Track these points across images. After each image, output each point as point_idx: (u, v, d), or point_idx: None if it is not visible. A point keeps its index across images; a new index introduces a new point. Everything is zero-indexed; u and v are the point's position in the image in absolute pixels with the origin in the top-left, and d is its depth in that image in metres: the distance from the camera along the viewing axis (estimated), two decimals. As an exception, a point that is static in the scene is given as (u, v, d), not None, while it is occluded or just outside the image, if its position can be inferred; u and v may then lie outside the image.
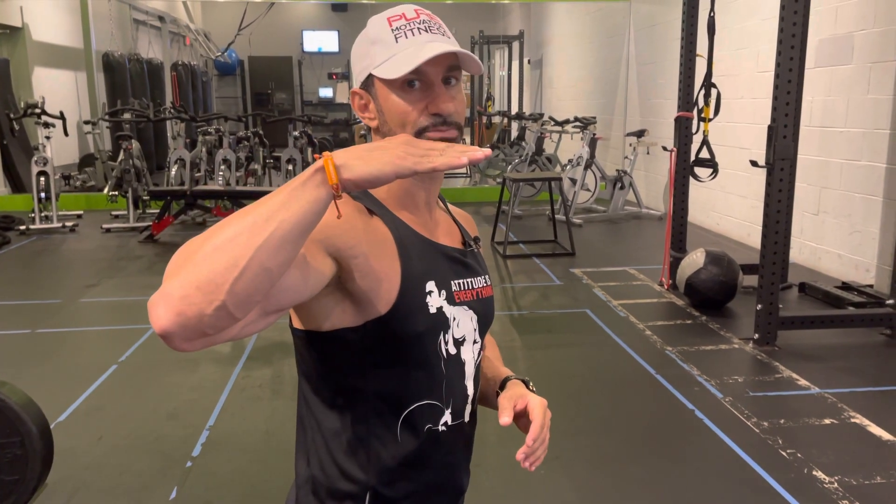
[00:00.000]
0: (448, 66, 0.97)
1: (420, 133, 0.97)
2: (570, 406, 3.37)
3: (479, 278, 1.10)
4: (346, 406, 0.99)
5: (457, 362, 1.05)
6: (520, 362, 3.93)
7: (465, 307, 1.06)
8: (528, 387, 1.14)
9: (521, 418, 1.08)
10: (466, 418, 1.10)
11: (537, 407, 1.07)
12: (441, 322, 1.02)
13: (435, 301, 1.01)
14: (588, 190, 8.59)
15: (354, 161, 0.77)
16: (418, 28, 0.97)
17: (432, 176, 1.04)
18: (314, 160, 0.78)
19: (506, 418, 1.03)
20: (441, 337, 1.02)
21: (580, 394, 3.52)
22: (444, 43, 0.96)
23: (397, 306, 0.96)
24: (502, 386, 1.15)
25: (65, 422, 3.22)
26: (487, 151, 0.79)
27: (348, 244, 0.91)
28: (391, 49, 0.96)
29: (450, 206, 1.19)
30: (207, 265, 0.70)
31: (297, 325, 0.99)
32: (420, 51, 0.94)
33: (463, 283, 1.06)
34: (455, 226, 1.14)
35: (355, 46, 1.03)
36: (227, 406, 3.37)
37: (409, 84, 0.96)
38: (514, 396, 1.09)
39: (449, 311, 1.03)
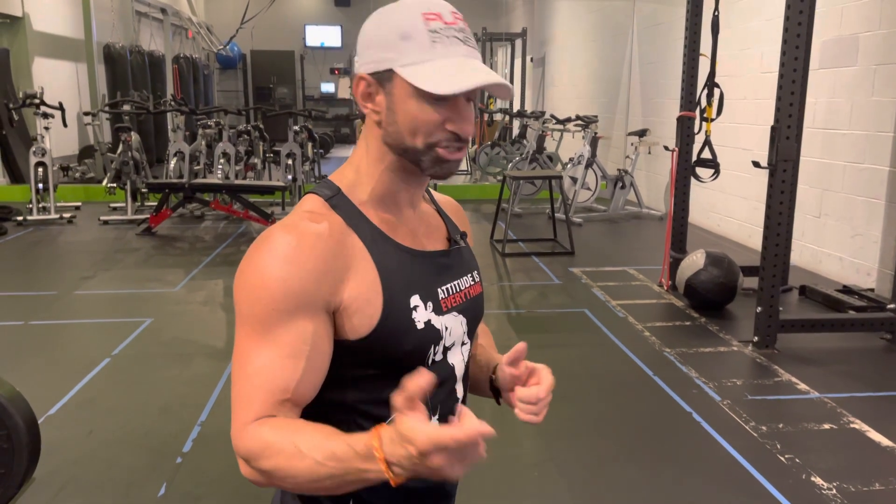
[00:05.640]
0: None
1: (431, 146, 0.93)
2: (566, 407, 3.33)
3: (465, 278, 1.06)
4: (325, 415, 0.95)
5: (444, 367, 1.02)
6: (516, 362, 3.88)
7: (455, 313, 1.02)
8: None
9: (516, 385, 1.08)
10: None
11: (543, 369, 1.07)
12: (431, 336, 0.98)
13: (422, 315, 0.97)
14: (589, 189, 8.54)
15: (410, 473, 0.80)
16: (455, 37, 0.91)
17: (419, 181, 1.00)
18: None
19: (510, 368, 1.05)
20: (431, 349, 0.99)
21: (577, 394, 3.48)
22: (484, 66, 0.92)
23: (381, 327, 0.93)
24: (495, 371, 1.13)
25: (55, 415, 3.19)
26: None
27: (338, 295, 0.91)
28: (426, 52, 0.89)
29: (436, 195, 1.14)
30: (277, 483, 0.88)
31: None
32: (464, 70, 0.89)
33: (450, 287, 1.02)
34: (441, 220, 1.09)
35: (373, 28, 0.93)
36: (220, 401, 3.34)
37: (437, 98, 0.90)
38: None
39: (438, 322, 0.99)
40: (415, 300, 0.96)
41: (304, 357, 0.89)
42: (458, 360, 1.04)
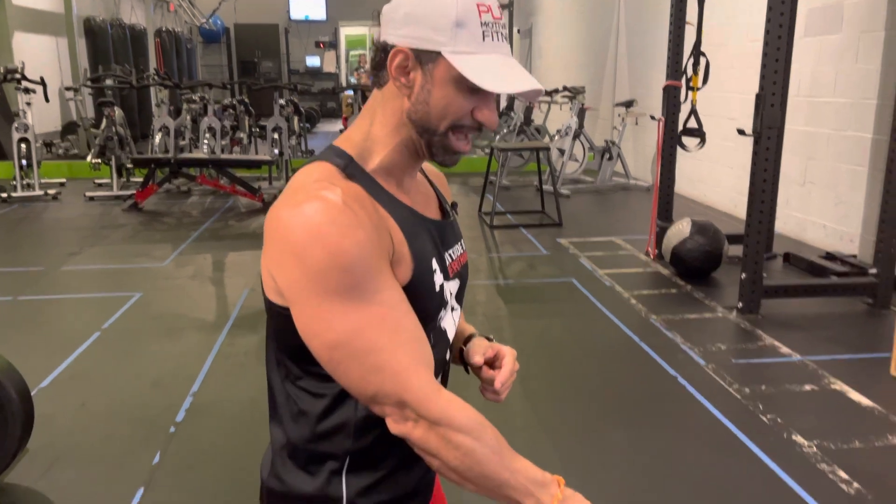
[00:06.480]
0: None
1: (452, 128, 0.94)
2: (554, 374, 3.39)
3: (458, 246, 1.09)
4: (328, 378, 0.95)
5: (441, 333, 1.05)
6: (505, 331, 3.93)
7: (456, 279, 1.06)
8: (490, 341, 1.19)
9: (489, 365, 1.14)
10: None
11: (508, 355, 1.13)
12: (443, 300, 1.01)
13: (438, 279, 0.99)
14: (576, 160, 8.56)
15: None
16: (500, 33, 0.93)
17: (422, 160, 1.02)
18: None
19: (478, 358, 1.12)
20: (440, 313, 1.02)
21: (565, 362, 3.53)
22: (522, 67, 0.94)
23: (410, 286, 0.94)
24: (466, 342, 1.18)
25: (46, 388, 3.20)
26: None
27: (389, 248, 0.92)
28: (478, 45, 0.91)
29: (424, 165, 1.14)
30: (455, 473, 0.91)
31: (283, 303, 0.93)
32: (510, 71, 0.92)
33: (451, 254, 1.05)
34: (432, 190, 1.12)
35: (417, 2, 0.92)
36: (212, 373, 3.36)
37: (474, 88, 0.92)
38: (484, 345, 1.15)
39: (447, 287, 1.02)
40: (434, 264, 0.99)
41: (407, 301, 0.91)
42: (450, 324, 1.07)
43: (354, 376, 0.89)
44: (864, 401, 3.04)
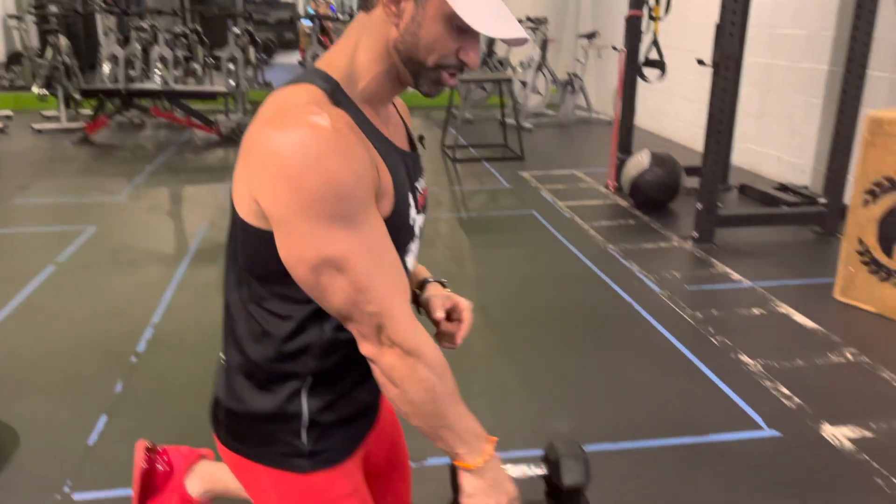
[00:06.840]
0: None
1: (438, 67, 0.94)
2: (514, 301, 3.45)
3: (422, 179, 1.09)
4: (296, 301, 0.96)
5: (405, 265, 1.05)
6: (467, 261, 3.98)
7: (423, 212, 1.07)
8: (444, 287, 1.21)
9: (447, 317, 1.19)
10: None
11: (466, 309, 1.18)
12: (414, 233, 1.02)
13: (412, 213, 1.00)
14: (538, 93, 8.50)
15: (488, 488, 1.00)
16: None
17: (402, 90, 1.01)
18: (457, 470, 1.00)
19: (440, 313, 1.16)
20: (409, 246, 1.03)
21: (524, 290, 3.60)
22: (514, 18, 0.94)
23: (391, 219, 0.94)
24: (420, 286, 1.20)
25: (3, 322, 3.15)
26: None
27: (377, 179, 0.92)
28: None
29: None
30: (410, 405, 0.95)
31: (263, 225, 0.91)
32: (501, 15, 0.92)
33: (419, 187, 1.05)
34: (401, 120, 1.12)
35: None
36: (173, 304, 3.35)
37: (463, 28, 0.91)
38: (442, 296, 1.18)
39: (417, 220, 1.03)
40: (409, 197, 0.99)
41: (388, 234, 0.93)
42: (411, 259, 1.08)
43: (338, 297, 0.90)
44: (808, 323, 3.18)
